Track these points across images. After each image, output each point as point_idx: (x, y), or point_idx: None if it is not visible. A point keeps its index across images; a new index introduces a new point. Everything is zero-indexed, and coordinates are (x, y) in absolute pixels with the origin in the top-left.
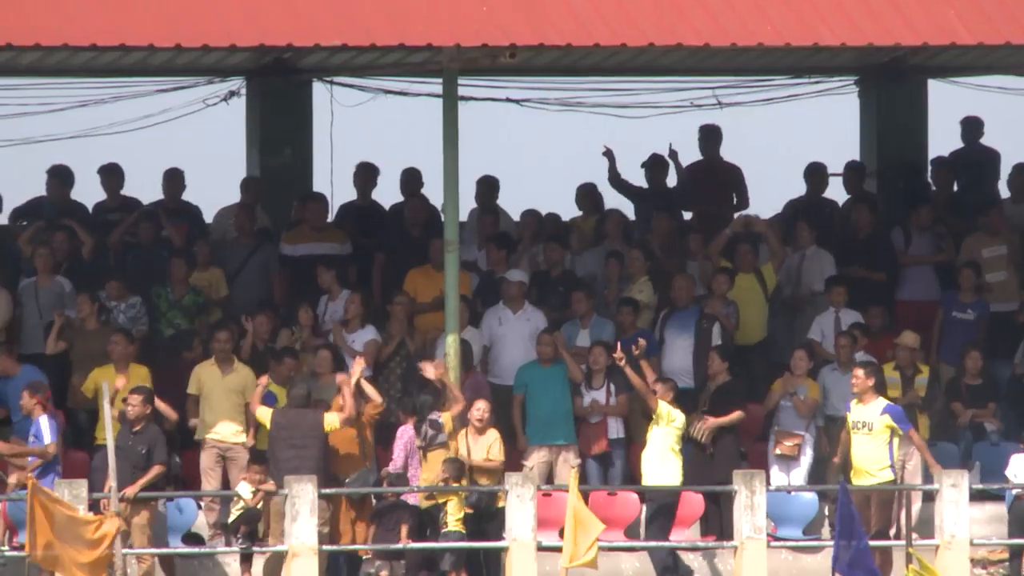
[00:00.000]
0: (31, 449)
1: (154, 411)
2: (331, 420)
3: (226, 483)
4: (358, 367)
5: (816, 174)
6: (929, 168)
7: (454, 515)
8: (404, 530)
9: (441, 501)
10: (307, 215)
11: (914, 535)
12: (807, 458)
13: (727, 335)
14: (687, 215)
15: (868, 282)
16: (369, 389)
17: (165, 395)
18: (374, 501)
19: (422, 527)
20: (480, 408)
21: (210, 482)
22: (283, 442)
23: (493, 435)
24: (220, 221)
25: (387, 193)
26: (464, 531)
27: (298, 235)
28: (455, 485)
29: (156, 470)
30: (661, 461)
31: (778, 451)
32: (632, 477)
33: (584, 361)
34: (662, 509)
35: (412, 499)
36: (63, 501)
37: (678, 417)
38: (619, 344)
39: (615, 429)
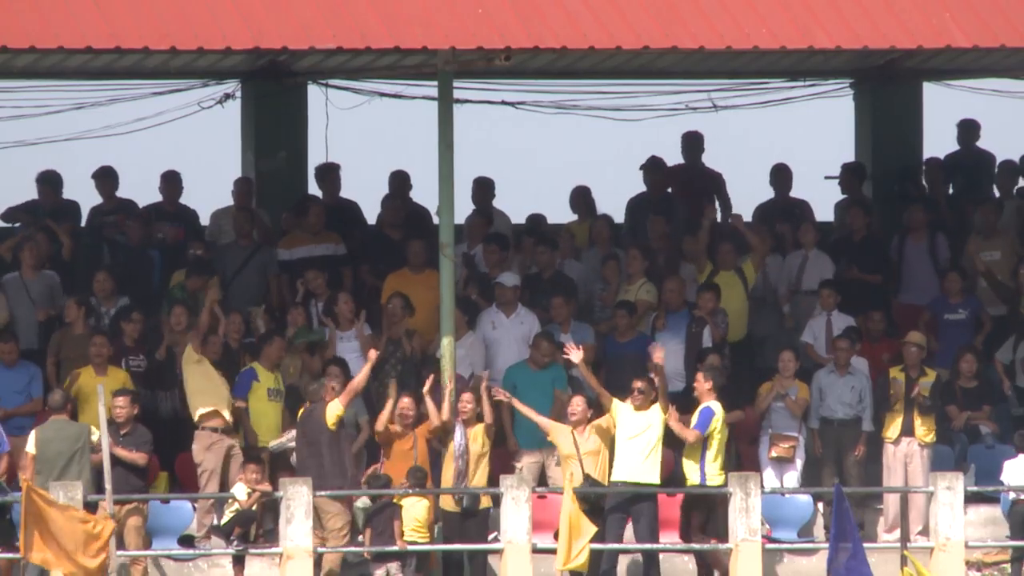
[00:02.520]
0: None
1: (139, 411)
2: (332, 410)
3: (224, 481)
4: (429, 382)
5: (781, 175)
6: (923, 170)
7: (410, 524)
8: (397, 526)
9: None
10: (300, 219)
11: (922, 537)
12: (800, 460)
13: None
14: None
15: (866, 285)
16: (430, 407)
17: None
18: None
19: None
20: (577, 403)
21: (213, 484)
22: (302, 438)
23: (594, 426)
24: (214, 223)
25: (380, 196)
26: (427, 538)
27: (293, 239)
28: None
29: (137, 455)
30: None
31: (774, 453)
32: None
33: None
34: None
35: None
36: (59, 503)
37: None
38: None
39: None
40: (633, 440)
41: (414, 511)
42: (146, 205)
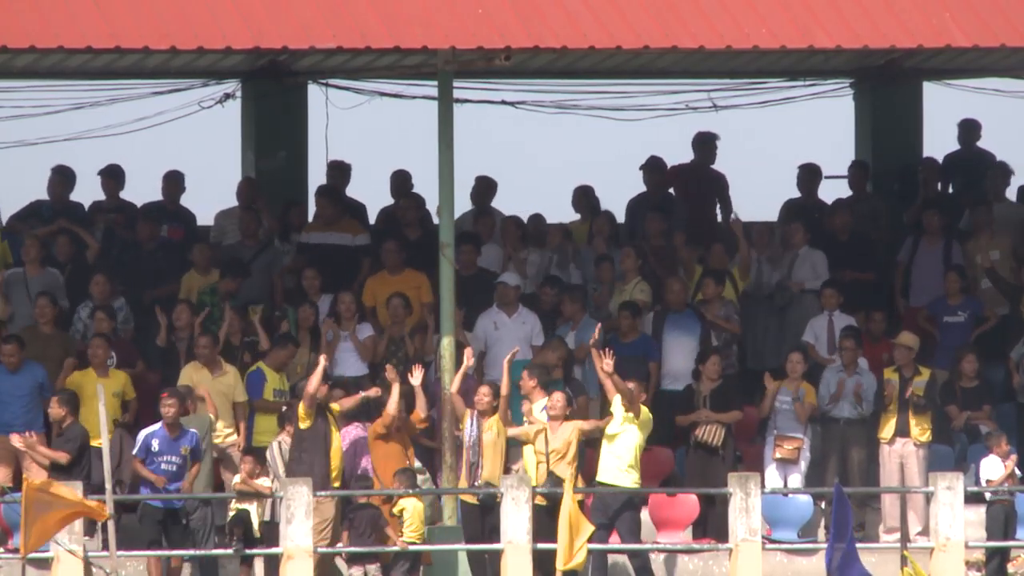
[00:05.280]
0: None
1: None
2: (300, 411)
3: (219, 486)
4: (418, 374)
5: (810, 174)
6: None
7: (410, 525)
8: (389, 528)
9: (396, 511)
10: (319, 207)
11: (922, 538)
12: (804, 461)
13: (729, 336)
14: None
15: (869, 286)
16: (419, 401)
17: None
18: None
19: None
20: (556, 399)
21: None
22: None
23: (571, 426)
24: (217, 224)
25: (381, 196)
26: (419, 541)
27: (313, 225)
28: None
29: (61, 454)
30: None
31: (779, 455)
32: None
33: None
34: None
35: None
36: (60, 490)
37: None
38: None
39: None
40: (612, 443)
41: (411, 511)
42: (145, 204)
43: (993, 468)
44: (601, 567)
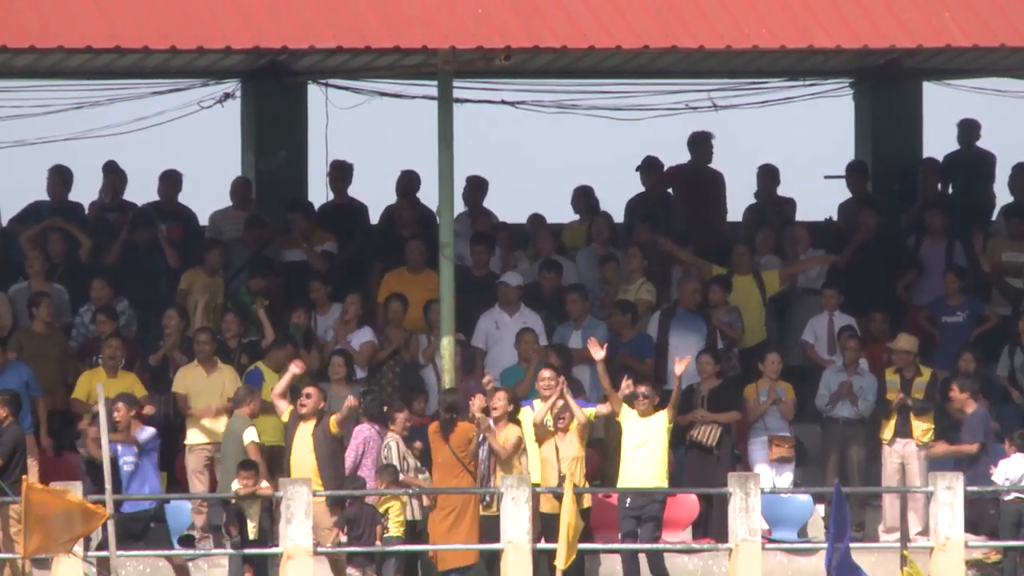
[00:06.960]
0: None
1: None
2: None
3: (214, 485)
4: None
5: (768, 175)
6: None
7: (395, 520)
8: (379, 530)
9: (383, 508)
10: (292, 224)
11: (923, 537)
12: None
13: (730, 341)
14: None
15: (871, 286)
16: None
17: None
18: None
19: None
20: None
21: (198, 485)
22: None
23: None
24: (213, 225)
25: (380, 196)
26: (404, 536)
27: (289, 241)
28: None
29: None
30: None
31: (776, 455)
32: None
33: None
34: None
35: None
36: (60, 493)
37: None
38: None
39: None
40: (638, 449)
41: (398, 509)
42: (145, 203)
43: (1014, 469)
44: (634, 569)
